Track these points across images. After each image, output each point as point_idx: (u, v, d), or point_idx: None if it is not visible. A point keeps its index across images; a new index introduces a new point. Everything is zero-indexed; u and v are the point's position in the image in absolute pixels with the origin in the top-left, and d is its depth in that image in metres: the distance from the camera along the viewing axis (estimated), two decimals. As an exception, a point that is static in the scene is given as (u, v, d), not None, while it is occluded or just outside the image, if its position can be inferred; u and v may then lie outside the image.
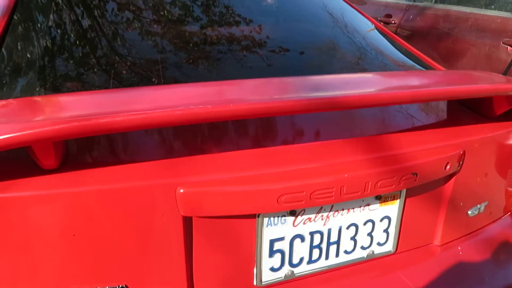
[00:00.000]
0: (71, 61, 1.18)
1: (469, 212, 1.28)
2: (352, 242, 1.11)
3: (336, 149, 1.01)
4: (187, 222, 0.90)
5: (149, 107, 0.77)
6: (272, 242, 1.00)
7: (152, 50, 1.28)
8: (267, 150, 0.97)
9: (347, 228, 1.08)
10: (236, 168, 0.91)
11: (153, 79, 1.17)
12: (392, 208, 1.13)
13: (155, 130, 0.99)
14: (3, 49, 1.15)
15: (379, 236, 1.14)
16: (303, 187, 0.92)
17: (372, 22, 1.87)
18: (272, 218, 0.98)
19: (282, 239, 1.01)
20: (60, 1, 1.39)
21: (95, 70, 1.17)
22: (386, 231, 1.15)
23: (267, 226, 0.98)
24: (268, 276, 1.03)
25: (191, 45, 1.34)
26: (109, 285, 0.88)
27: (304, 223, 1.02)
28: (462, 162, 1.17)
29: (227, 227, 0.95)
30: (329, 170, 0.95)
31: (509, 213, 1.45)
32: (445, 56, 3.45)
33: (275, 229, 0.99)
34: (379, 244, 1.15)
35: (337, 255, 1.10)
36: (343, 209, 1.06)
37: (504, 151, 1.29)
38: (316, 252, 1.07)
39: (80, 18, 1.36)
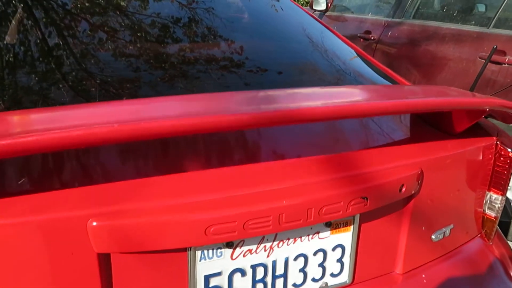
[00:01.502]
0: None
1: (433, 237, 1.19)
2: (302, 274, 1.01)
3: (274, 172, 0.92)
4: (104, 259, 0.80)
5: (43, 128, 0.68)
6: (207, 278, 0.90)
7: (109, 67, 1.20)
8: (194, 175, 0.88)
9: (295, 259, 0.99)
10: (158, 196, 0.82)
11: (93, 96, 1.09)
12: (345, 236, 1.03)
13: (62, 152, 0.89)
14: None
15: (332, 266, 1.04)
16: (235, 216, 0.82)
17: (338, 36, 1.81)
18: (205, 251, 0.88)
19: (219, 274, 0.91)
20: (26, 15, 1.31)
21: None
22: (340, 260, 1.05)
23: (200, 260, 0.89)
24: (205, 316, 0.93)
25: (151, 62, 1.26)
26: None
27: (244, 256, 0.93)
28: (421, 183, 1.09)
29: (152, 264, 0.85)
30: (265, 196, 0.86)
31: (478, 235, 1.36)
32: (423, 71, 3.42)
33: (210, 263, 0.90)
34: (332, 275, 1.05)
35: (284, 289, 1.00)
36: (288, 239, 0.96)
37: (469, 170, 1.21)
38: (260, 287, 0.97)
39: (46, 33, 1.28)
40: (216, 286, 0.92)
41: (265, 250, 0.95)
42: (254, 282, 0.96)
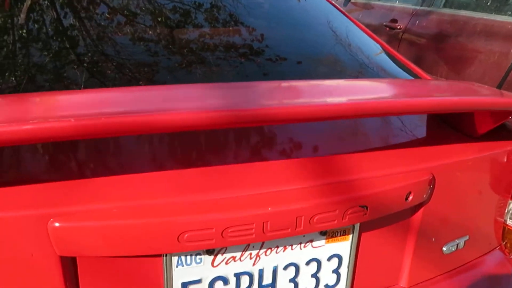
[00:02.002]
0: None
1: (444, 249, 1.08)
2: (292, 284, 0.92)
3: (260, 175, 0.83)
4: (68, 263, 0.74)
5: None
6: (185, 285, 0.83)
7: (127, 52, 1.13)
8: (170, 174, 0.80)
9: (285, 268, 0.90)
10: (127, 197, 0.74)
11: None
12: (343, 245, 0.94)
13: (23, 146, 0.82)
14: None
15: (327, 277, 0.95)
16: (212, 223, 0.74)
17: (358, 26, 1.68)
18: (183, 257, 0.81)
19: (198, 282, 0.84)
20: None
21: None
22: (336, 271, 0.96)
23: (177, 266, 0.81)
24: (183, 325, 0.86)
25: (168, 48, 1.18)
26: None
27: (226, 263, 0.85)
28: (432, 191, 0.97)
29: (124, 269, 0.78)
30: (247, 201, 0.77)
31: (498, 247, 1.24)
32: (452, 64, 3.22)
33: (188, 270, 0.82)
34: (327, 286, 0.96)
35: (272, 300, 0.92)
36: (277, 247, 0.88)
37: (490, 177, 1.09)
38: (244, 297, 0.89)
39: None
40: (195, 294, 0.85)
41: (250, 258, 0.86)
42: (238, 291, 0.88)
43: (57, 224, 0.69)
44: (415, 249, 1.02)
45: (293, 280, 0.92)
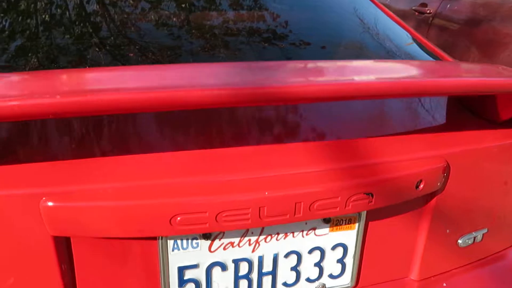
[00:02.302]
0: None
1: (460, 241, 1.02)
2: (294, 273, 0.89)
3: (259, 158, 0.80)
4: (62, 243, 0.73)
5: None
6: (181, 270, 0.81)
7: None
8: (165, 156, 0.78)
9: (286, 256, 0.87)
10: (120, 178, 0.72)
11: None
12: (348, 234, 0.90)
13: (18, 124, 0.82)
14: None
15: (331, 267, 0.92)
16: (205, 206, 0.72)
17: (382, 10, 1.60)
18: (179, 241, 0.79)
19: (195, 266, 0.82)
20: None
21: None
22: (341, 261, 0.92)
23: (173, 250, 0.79)
24: (180, 310, 0.84)
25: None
26: None
27: (224, 249, 0.82)
28: (446, 179, 0.92)
29: (120, 251, 0.77)
30: (243, 185, 0.74)
31: (521, 242, 1.16)
32: (485, 49, 3.06)
33: (184, 254, 0.80)
34: (332, 276, 0.93)
35: (273, 287, 0.89)
36: (278, 234, 0.85)
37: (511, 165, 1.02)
38: (243, 284, 0.87)
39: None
40: (192, 279, 0.83)
41: (249, 244, 0.84)
42: (237, 278, 0.86)
43: (49, 204, 0.69)
44: (428, 240, 0.97)
45: (295, 269, 0.89)
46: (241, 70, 0.83)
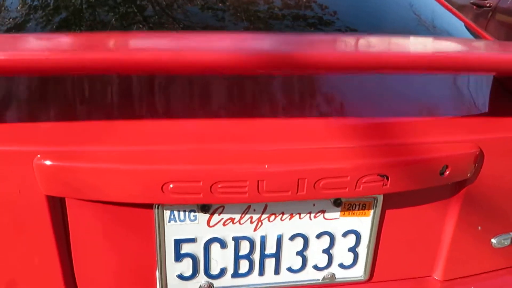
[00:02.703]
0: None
1: (494, 241, 0.91)
2: (300, 258, 0.83)
3: (263, 130, 0.74)
4: (56, 203, 0.72)
5: None
6: (178, 242, 0.78)
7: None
8: (162, 122, 0.74)
9: (291, 239, 0.81)
10: (115, 141, 0.70)
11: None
12: (362, 221, 0.82)
13: (18, 80, 0.81)
14: None
15: (341, 255, 0.85)
16: (198, 174, 0.67)
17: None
18: (175, 212, 0.75)
19: (192, 240, 0.78)
20: None
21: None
22: (353, 250, 0.85)
23: (169, 221, 0.76)
24: (176, 285, 0.81)
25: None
26: None
27: (224, 225, 0.78)
28: (478, 168, 0.81)
29: (115, 218, 0.75)
30: (241, 156, 0.69)
31: None
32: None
33: (181, 227, 0.77)
34: (342, 266, 0.86)
35: (276, 272, 0.83)
36: (283, 213, 0.79)
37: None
38: (244, 264, 0.82)
39: None
40: (189, 253, 0.79)
41: (251, 222, 0.79)
42: (237, 257, 0.81)
43: (43, 162, 0.68)
44: (455, 236, 0.87)
45: (300, 253, 0.83)
46: (265, 39, 0.78)
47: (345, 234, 0.83)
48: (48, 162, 0.68)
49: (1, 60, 0.59)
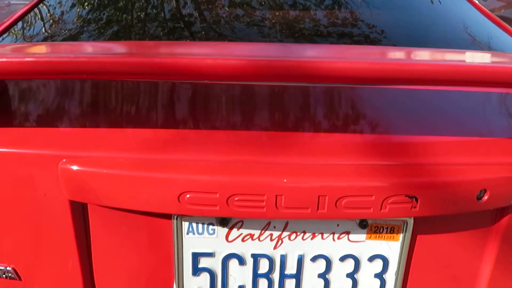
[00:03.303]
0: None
1: (542, 279, 0.82)
2: (322, 281, 0.79)
3: (284, 143, 0.72)
4: (79, 208, 0.73)
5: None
6: (196, 256, 0.77)
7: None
8: (185, 133, 0.74)
9: (313, 260, 0.77)
10: (140, 149, 0.70)
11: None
12: (391, 246, 0.77)
13: (48, 88, 0.84)
14: None
15: (367, 281, 0.79)
16: (216, 186, 0.66)
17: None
18: (194, 224, 0.74)
19: (210, 255, 0.77)
20: None
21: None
22: (379, 276, 0.79)
23: (187, 233, 0.75)
24: (193, 300, 0.79)
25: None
26: None
27: (243, 240, 0.76)
28: None
29: (136, 226, 0.75)
30: (260, 169, 0.67)
31: None
32: None
33: (200, 239, 0.76)
34: (368, 293, 0.80)
35: (296, 293, 0.80)
36: (304, 232, 0.76)
37: None
38: (263, 283, 0.79)
39: None
40: (207, 268, 0.77)
41: (271, 240, 0.76)
42: (256, 275, 0.78)
43: (67, 166, 0.69)
44: (496, 269, 0.79)
45: (323, 276, 0.79)
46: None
47: (371, 259, 0.78)
48: (72, 167, 0.69)
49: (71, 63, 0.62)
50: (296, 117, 0.79)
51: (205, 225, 0.75)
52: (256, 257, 0.77)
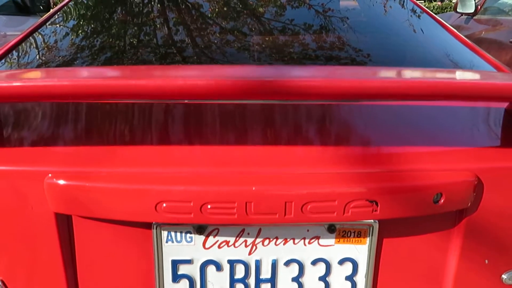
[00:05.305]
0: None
1: (505, 277, 0.87)
2: (295, 284, 0.84)
3: (252, 154, 0.78)
4: (63, 220, 0.78)
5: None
6: (175, 263, 0.81)
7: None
8: (159, 147, 0.80)
9: (286, 264, 0.82)
10: (117, 163, 0.76)
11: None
12: (358, 249, 0.82)
13: (31, 107, 0.90)
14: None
15: (339, 284, 0.84)
16: (189, 195, 0.72)
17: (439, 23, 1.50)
18: (172, 233, 0.79)
19: (189, 262, 0.81)
20: None
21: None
22: (350, 279, 0.84)
23: (167, 241, 0.80)
24: (174, 306, 0.83)
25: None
26: None
27: (219, 247, 0.81)
28: (479, 197, 0.80)
29: (118, 236, 0.80)
30: (230, 178, 0.73)
31: None
32: None
33: (178, 247, 0.80)
34: (340, 295, 0.85)
35: (272, 298, 0.84)
36: (277, 238, 0.81)
37: None
38: (240, 288, 0.83)
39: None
40: (186, 275, 0.82)
41: (246, 246, 0.81)
42: (233, 280, 0.83)
43: (53, 181, 0.75)
44: (459, 269, 0.84)
45: (296, 280, 0.83)
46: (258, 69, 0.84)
47: (341, 262, 0.83)
48: (57, 181, 0.75)
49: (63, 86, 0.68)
50: (263, 130, 0.85)
51: (183, 234, 0.80)
52: (232, 263, 0.82)
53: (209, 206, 0.72)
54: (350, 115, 0.92)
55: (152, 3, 1.51)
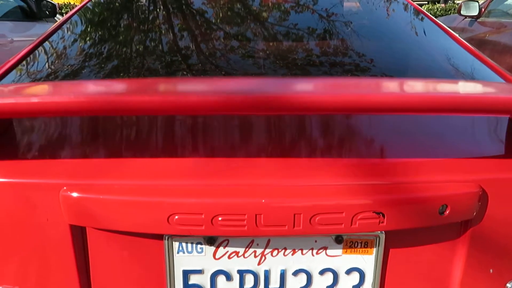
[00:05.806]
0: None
1: (509, 286, 0.88)
2: (304, 293, 0.85)
3: (262, 166, 0.80)
4: (78, 232, 0.80)
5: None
6: (186, 273, 0.83)
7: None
8: (173, 160, 0.82)
9: (294, 274, 0.84)
10: (131, 176, 0.78)
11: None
12: (365, 259, 0.84)
13: (49, 120, 0.92)
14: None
15: (346, 293, 0.86)
16: (201, 207, 0.74)
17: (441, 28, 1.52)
18: (184, 244, 0.81)
19: (199, 272, 0.83)
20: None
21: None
22: (357, 288, 0.86)
23: (178, 252, 0.82)
24: (185, 315, 0.85)
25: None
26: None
27: (229, 257, 0.83)
28: (483, 208, 0.82)
29: (131, 247, 0.82)
30: (240, 191, 0.75)
31: None
32: None
33: (189, 258, 0.82)
34: (348, 304, 0.86)
35: (281, 306, 0.86)
36: (285, 248, 0.82)
37: None
38: (249, 298, 0.85)
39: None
40: (197, 284, 0.84)
41: (255, 256, 0.83)
42: (242, 290, 0.85)
43: (67, 193, 0.77)
44: (464, 279, 0.86)
45: (305, 289, 0.85)
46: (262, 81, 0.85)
47: (348, 272, 0.84)
48: (72, 194, 0.77)
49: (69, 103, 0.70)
50: (272, 143, 0.87)
51: (194, 244, 0.82)
52: (242, 273, 0.84)
53: (220, 218, 0.74)
54: (356, 128, 0.94)
55: (164, 12, 1.53)
